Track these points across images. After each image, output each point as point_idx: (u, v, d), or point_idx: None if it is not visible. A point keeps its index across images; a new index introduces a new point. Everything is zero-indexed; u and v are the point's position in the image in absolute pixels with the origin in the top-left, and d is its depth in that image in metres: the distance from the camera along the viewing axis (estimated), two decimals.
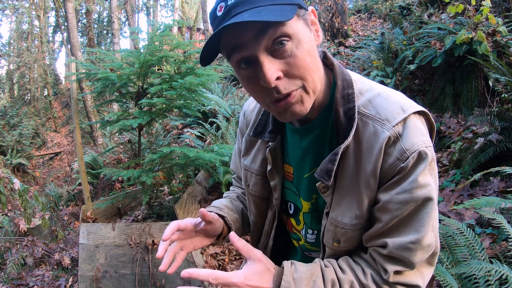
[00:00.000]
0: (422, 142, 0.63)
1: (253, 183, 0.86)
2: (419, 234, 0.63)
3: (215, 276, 0.62)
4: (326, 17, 6.59)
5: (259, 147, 0.85)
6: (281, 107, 0.63)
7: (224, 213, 0.89)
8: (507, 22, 3.49)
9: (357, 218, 0.68)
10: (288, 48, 0.59)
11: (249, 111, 0.91)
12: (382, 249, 0.66)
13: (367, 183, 0.66)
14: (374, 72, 4.05)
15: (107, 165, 5.54)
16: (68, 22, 8.14)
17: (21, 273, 3.21)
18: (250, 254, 0.67)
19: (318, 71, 0.65)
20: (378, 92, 0.70)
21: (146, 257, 2.41)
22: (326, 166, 0.67)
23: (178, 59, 2.68)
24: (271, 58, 0.59)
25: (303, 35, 0.60)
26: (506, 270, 1.36)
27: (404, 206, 0.63)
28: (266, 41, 0.58)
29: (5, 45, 18.41)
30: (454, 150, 2.78)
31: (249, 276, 0.64)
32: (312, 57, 0.62)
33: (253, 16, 0.54)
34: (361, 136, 0.67)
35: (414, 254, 0.63)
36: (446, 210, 2.25)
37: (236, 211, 0.96)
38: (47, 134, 13.74)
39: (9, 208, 5.21)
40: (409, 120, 0.65)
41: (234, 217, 0.92)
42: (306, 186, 0.78)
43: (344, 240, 0.70)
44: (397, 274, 0.66)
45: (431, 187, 0.63)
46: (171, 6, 22.77)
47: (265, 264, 0.67)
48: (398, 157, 0.63)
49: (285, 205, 0.87)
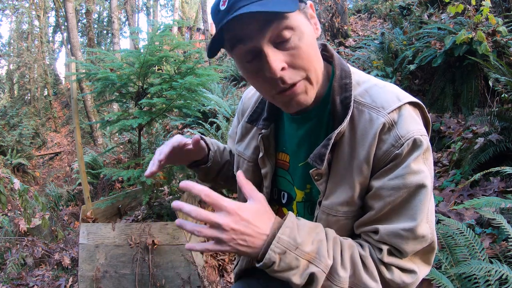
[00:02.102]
0: (417, 130, 0.63)
1: (244, 170, 0.87)
2: (413, 222, 0.62)
3: (207, 193, 0.58)
4: (326, 17, 6.59)
5: (254, 134, 0.86)
6: (287, 97, 0.64)
7: (212, 148, 0.96)
8: (507, 22, 3.49)
9: (349, 205, 0.68)
10: (291, 40, 0.60)
11: (247, 98, 0.93)
12: (374, 235, 0.66)
13: (359, 169, 0.66)
14: (374, 72, 4.05)
15: (107, 165, 5.54)
16: (68, 22, 8.14)
17: (21, 273, 3.21)
18: (252, 194, 0.64)
19: (319, 62, 0.67)
20: (374, 83, 0.71)
21: (146, 257, 2.41)
22: (319, 150, 0.68)
23: (178, 59, 2.68)
24: (275, 49, 0.60)
25: (305, 28, 0.62)
26: (506, 270, 1.36)
27: (396, 192, 0.62)
28: (271, 33, 0.59)
29: (5, 45, 18.42)
30: (454, 150, 2.78)
31: (244, 208, 0.60)
32: (314, 49, 0.64)
33: (261, 6, 0.55)
34: (356, 124, 0.67)
35: (406, 242, 0.62)
36: (446, 210, 2.25)
37: (223, 158, 1.02)
38: (47, 134, 13.73)
39: (9, 208, 5.21)
40: (404, 108, 0.65)
41: (217, 159, 0.98)
42: (300, 175, 0.79)
43: (336, 228, 0.70)
44: (391, 256, 0.65)
45: (424, 174, 0.62)
46: (171, 6, 22.77)
47: (266, 207, 0.64)
48: (393, 144, 0.63)
49: (277, 194, 0.87)
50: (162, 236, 2.40)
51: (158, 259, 2.40)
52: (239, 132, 0.91)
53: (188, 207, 0.58)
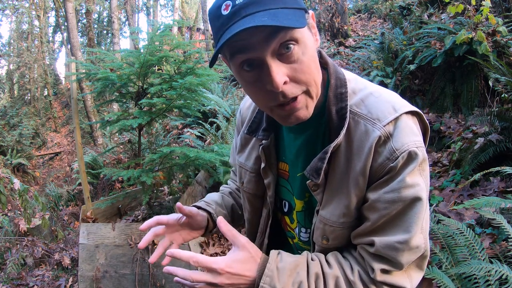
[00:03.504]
0: (413, 142, 0.63)
1: (247, 181, 0.87)
2: (407, 234, 0.62)
3: (195, 259, 0.62)
4: (326, 17, 6.59)
5: (254, 145, 0.86)
6: (286, 111, 0.62)
7: (211, 209, 0.92)
8: (507, 22, 3.49)
9: (345, 216, 0.68)
10: (295, 53, 0.58)
11: (245, 109, 0.91)
12: (369, 247, 0.66)
13: (356, 181, 0.66)
14: (374, 72, 4.05)
15: (107, 165, 5.54)
16: (68, 22, 8.15)
17: (21, 273, 3.21)
18: (234, 240, 0.66)
19: (319, 75, 0.65)
20: (371, 91, 0.69)
21: (146, 257, 2.41)
22: (316, 164, 0.68)
23: (178, 59, 2.68)
24: (278, 62, 0.58)
25: (308, 40, 0.60)
26: (506, 270, 1.36)
27: (392, 206, 0.62)
28: (275, 44, 0.56)
29: (5, 45, 18.41)
30: (454, 150, 2.78)
31: (231, 263, 0.63)
32: (315, 62, 0.62)
33: (272, 19, 0.52)
34: (352, 135, 0.67)
35: (401, 254, 0.63)
36: (446, 210, 2.25)
37: (226, 207, 0.98)
38: (47, 134, 13.74)
39: (9, 208, 5.22)
40: (401, 119, 0.64)
41: (222, 213, 0.95)
42: (299, 185, 0.79)
43: (332, 238, 0.70)
44: (384, 274, 0.65)
45: (420, 187, 0.62)
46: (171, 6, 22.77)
47: (249, 251, 0.66)
48: (388, 157, 0.62)
49: (280, 203, 0.87)
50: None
51: (158, 259, 2.40)
52: (238, 142, 0.90)
53: (182, 273, 0.63)
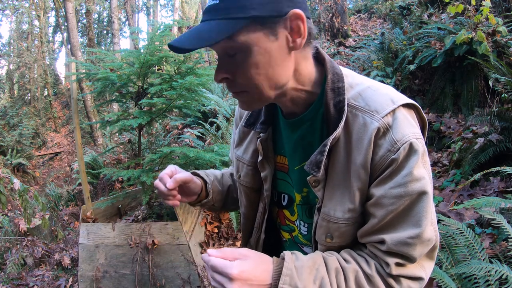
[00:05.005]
0: (412, 133, 0.63)
1: (244, 174, 0.87)
2: (418, 229, 0.62)
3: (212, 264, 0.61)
4: (326, 17, 6.59)
5: (251, 138, 0.86)
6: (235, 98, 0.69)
7: (208, 179, 0.93)
8: (507, 22, 3.49)
9: (350, 211, 0.67)
10: (237, 58, 0.62)
11: None
12: (380, 245, 0.66)
13: (357, 175, 0.65)
14: (374, 72, 4.05)
15: (107, 165, 5.54)
16: (68, 22, 8.15)
17: (21, 273, 3.21)
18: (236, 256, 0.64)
19: (267, 81, 0.64)
20: (368, 85, 0.70)
21: (146, 257, 2.41)
22: (316, 158, 0.68)
23: (178, 59, 2.68)
24: (227, 59, 0.63)
25: (255, 47, 0.60)
26: (506, 270, 1.36)
27: (398, 201, 0.62)
28: (221, 48, 0.63)
29: (5, 45, 18.39)
30: (454, 150, 2.78)
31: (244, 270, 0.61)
32: (262, 68, 0.62)
33: (190, 39, 0.59)
34: (351, 128, 0.67)
35: (413, 249, 0.63)
36: (446, 210, 2.25)
37: (223, 185, 0.99)
38: (47, 134, 13.74)
39: (9, 208, 5.22)
40: (399, 111, 0.65)
41: (217, 188, 0.95)
42: (297, 179, 0.79)
43: (337, 235, 0.70)
44: (399, 267, 0.65)
45: (425, 180, 0.62)
46: (171, 6, 22.77)
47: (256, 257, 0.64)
48: (389, 149, 0.62)
49: (277, 197, 0.87)
50: (162, 236, 2.40)
51: (158, 259, 2.40)
52: (237, 136, 0.91)
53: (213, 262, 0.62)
